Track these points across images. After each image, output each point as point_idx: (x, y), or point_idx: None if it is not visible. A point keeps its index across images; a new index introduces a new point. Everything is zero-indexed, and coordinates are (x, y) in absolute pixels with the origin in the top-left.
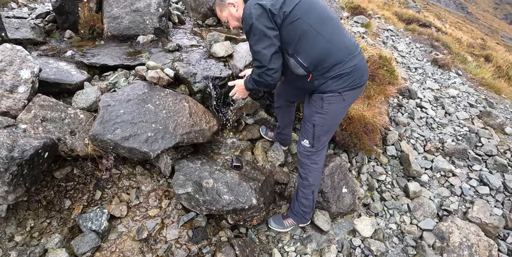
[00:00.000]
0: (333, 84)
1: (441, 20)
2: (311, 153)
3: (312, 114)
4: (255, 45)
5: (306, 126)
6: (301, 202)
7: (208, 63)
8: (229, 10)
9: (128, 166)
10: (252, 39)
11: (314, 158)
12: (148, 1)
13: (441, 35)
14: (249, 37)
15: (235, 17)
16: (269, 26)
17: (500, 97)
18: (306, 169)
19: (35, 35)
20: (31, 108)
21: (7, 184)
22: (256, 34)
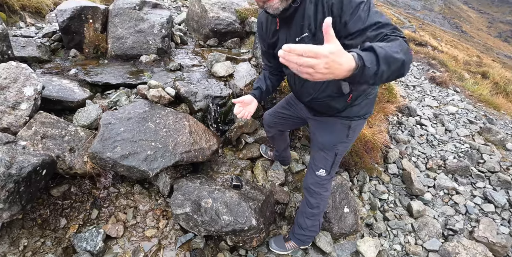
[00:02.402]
0: (365, 107)
1: (436, 39)
2: (327, 181)
3: (335, 143)
4: (378, 11)
5: (325, 154)
6: (308, 229)
7: (209, 82)
8: None
9: (126, 184)
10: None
11: (327, 186)
12: (152, 23)
13: (437, 53)
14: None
15: None
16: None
17: (499, 113)
18: (317, 198)
19: (40, 53)
20: (32, 125)
21: (3, 202)
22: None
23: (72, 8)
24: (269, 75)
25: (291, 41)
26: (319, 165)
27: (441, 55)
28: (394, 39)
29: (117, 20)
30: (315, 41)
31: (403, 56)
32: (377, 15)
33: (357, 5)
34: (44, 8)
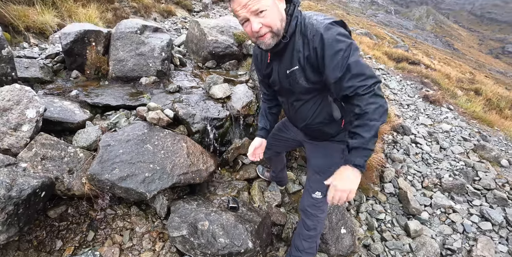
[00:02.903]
0: None
1: (429, 57)
2: (323, 203)
3: (330, 166)
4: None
5: (320, 177)
6: (305, 251)
7: (206, 104)
8: (275, 1)
9: (123, 206)
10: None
11: (323, 208)
12: (152, 46)
13: (430, 71)
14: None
15: (280, 15)
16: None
17: (492, 129)
18: (314, 220)
19: (43, 74)
20: (32, 146)
21: (1, 224)
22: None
23: (76, 32)
24: (269, 110)
25: (282, 73)
26: (315, 187)
27: (434, 73)
28: (371, 103)
29: (119, 43)
30: (303, 73)
31: (379, 119)
32: (356, 65)
33: (336, 53)
34: (48, 29)
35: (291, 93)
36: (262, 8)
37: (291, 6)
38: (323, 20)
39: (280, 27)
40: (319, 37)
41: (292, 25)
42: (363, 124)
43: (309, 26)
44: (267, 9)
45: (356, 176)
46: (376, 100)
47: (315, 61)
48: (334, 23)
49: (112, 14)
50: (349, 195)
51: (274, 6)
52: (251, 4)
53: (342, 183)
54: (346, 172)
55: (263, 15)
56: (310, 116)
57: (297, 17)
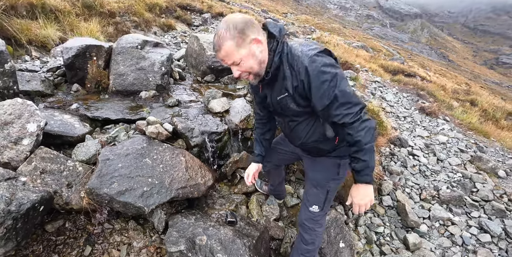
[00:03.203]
0: None
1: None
2: (320, 216)
3: (327, 180)
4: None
5: (317, 191)
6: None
7: (205, 118)
8: (251, 49)
9: (121, 220)
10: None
11: (321, 222)
12: (153, 61)
13: (426, 83)
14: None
15: (257, 60)
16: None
17: (489, 140)
18: (312, 234)
19: (44, 87)
20: (32, 160)
21: None
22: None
23: (77, 46)
24: (262, 136)
25: (274, 99)
26: (312, 201)
27: (430, 85)
28: (360, 130)
29: (120, 58)
30: (293, 99)
31: (372, 140)
32: (343, 95)
33: (322, 83)
34: (50, 43)
35: (285, 115)
36: (237, 61)
37: (274, 42)
38: (308, 51)
39: (259, 69)
40: (305, 70)
41: (275, 61)
42: (360, 150)
43: (295, 57)
44: (241, 60)
45: (370, 190)
46: (364, 125)
47: (303, 91)
48: (319, 54)
49: (113, 28)
50: (371, 203)
51: (249, 55)
52: (226, 60)
53: (363, 199)
54: (362, 189)
55: (240, 64)
56: (304, 135)
57: (280, 53)
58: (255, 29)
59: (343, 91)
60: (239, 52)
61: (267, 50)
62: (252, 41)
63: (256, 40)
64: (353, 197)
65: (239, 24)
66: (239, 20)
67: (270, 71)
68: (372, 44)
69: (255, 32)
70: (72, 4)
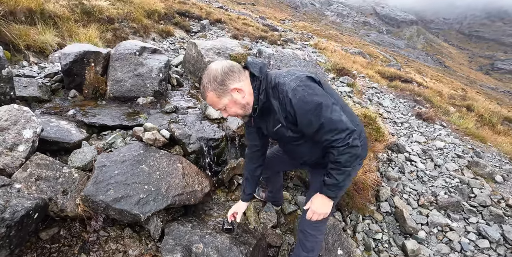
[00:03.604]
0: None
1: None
2: (321, 223)
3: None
4: (329, 117)
5: None
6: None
7: (202, 124)
8: (232, 96)
9: (116, 228)
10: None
11: (322, 228)
12: (150, 67)
13: (422, 89)
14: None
15: (241, 104)
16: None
17: (486, 145)
18: (313, 241)
19: (41, 93)
20: (27, 167)
21: None
22: (326, 107)
23: (75, 52)
24: (253, 173)
25: (271, 130)
26: None
27: (426, 91)
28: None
29: (118, 64)
30: (288, 128)
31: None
32: (329, 122)
33: (306, 113)
34: (48, 48)
35: (285, 141)
36: (221, 108)
37: (256, 81)
38: (290, 82)
39: (244, 112)
40: (289, 102)
41: (261, 98)
42: (337, 169)
43: (280, 90)
44: (225, 106)
45: (329, 204)
46: (349, 150)
47: (293, 120)
48: (301, 84)
49: (112, 34)
50: (324, 216)
51: (231, 102)
52: (213, 106)
53: (320, 208)
54: (323, 201)
55: (225, 110)
56: (306, 155)
57: (264, 90)
58: (235, 76)
59: (328, 118)
60: (222, 101)
61: (251, 90)
62: (232, 90)
63: (236, 89)
64: (313, 203)
65: (219, 76)
66: (219, 71)
67: (257, 108)
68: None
69: (235, 80)
70: (71, 10)
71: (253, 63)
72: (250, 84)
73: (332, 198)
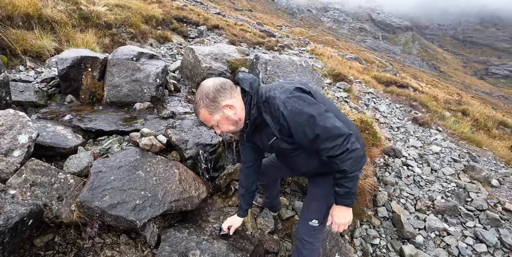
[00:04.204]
0: None
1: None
2: (319, 231)
3: (328, 195)
4: (323, 126)
5: (318, 205)
6: None
7: (200, 130)
8: (224, 113)
9: (112, 234)
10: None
11: (319, 236)
12: (148, 73)
13: (418, 94)
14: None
15: (233, 121)
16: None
17: (481, 149)
18: (310, 249)
19: (37, 98)
20: (22, 172)
21: None
22: (319, 115)
23: (72, 58)
24: (249, 189)
25: (266, 144)
26: (312, 215)
27: (422, 95)
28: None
29: (115, 69)
30: (282, 140)
31: (357, 169)
32: (324, 131)
33: (300, 125)
34: (45, 53)
35: (282, 153)
36: (214, 124)
37: (248, 96)
38: (280, 95)
39: (235, 128)
40: (281, 115)
41: (252, 113)
42: (345, 177)
43: (271, 104)
44: (218, 123)
45: (349, 212)
46: (351, 155)
47: (287, 132)
48: (290, 96)
49: (110, 40)
50: (348, 223)
51: (223, 119)
52: (205, 123)
53: (343, 219)
54: (342, 211)
55: (217, 126)
56: (304, 165)
57: (255, 105)
58: (227, 93)
59: (322, 127)
60: (214, 118)
61: (243, 106)
62: (224, 107)
63: (227, 105)
64: (334, 216)
65: (210, 94)
66: (211, 88)
67: (249, 123)
68: (365, 56)
69: (227, 97)
70: (68, 15)
71: (243, 79)
72: (242, 99)
73: (349, 205)
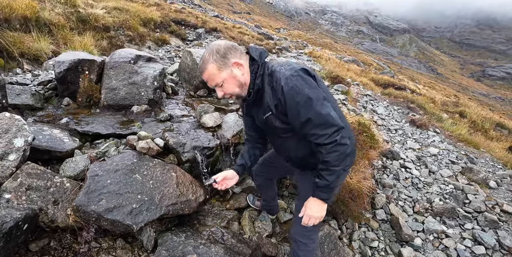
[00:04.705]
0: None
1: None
2: (312, 232)
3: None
4: (318, 111)
5: None
6: None
7: (197, 133)
8: (232, 71)
9: (108, 239)
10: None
11: (313, 237)
12: (145, 76)
13: (416, 96)
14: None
15: (239, 82)
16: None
17: (479, 151)
18: (304, 249)
19: (34, 101)
20: (18, 176)
21: None
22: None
23: (70, 60)
24: (252, 150)
25: (261, 118)
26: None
27: (420, 98)
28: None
29: (112, 72)
30: (276, 117)
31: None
32: (318, 116)
33: (296, 104)
34: (43, 56)
35: (273, 133)
36: (219, 83)
37: (255, 65)
38: (285, 71)
39: (240, 91)
40: (281, 89)
41: (257, 83)
42: (327, 169)
43: (275, 78)
44: (223, 82)
45: (323, 207)
46: (337, 148)
47: (282, 109)
48: (295, 74)
49: (107, 42)
50: (320, 219)
51: (230, 78)
52: (209, 81)
53: (314, 211)
54: (316, 204)
55: (222, 86)
56: (292, 151)
57: (261, 75)
58: (237, 53)
59: (317, 112)
60: (221, 75)
61: (249, 73)
62: (233, 65)
63: (237, 63)
64: (306, 207)
65: (221, 49)
66: (222, 45)
67: (252, 92)
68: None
69: (236, 56)
70: (66, 18)
71: (254, 48)
72: (249, 67)
73: (325, 200)
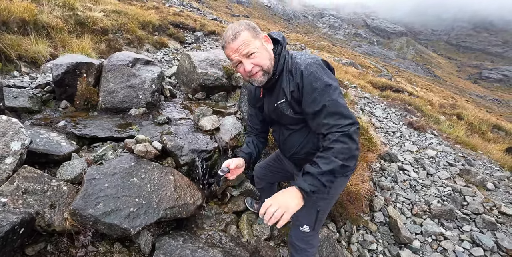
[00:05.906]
0: None
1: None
2: (312, 237)
3: (317, 200)
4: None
5: (307, 210)
6: None
7: (195, 136)
8: (263, 43)
9: (106, 243)
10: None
11: (312, 242)
12: (143, 78)
13: (413, 98)
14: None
15: (269, 55)
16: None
17: (476, 153)
18: (304, 254)
19: (31, 104)
20: (14, 180)
21: None
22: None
23: (67, 63)
24: (256, 142)
25: (271, 106)
26: (303, 221)
27: (417, 100)
28: (340, 142)
29: (110, 75)
30: (290, 105)
31: (341, 160)
32: (334, 105)
33: (313, 90)
34: (40, 59)
35: (280, 124)
36: (252, 51)
37: (279, 47)
38: (306, 59)
39: (270, 65)
40: (300, 74)
41: (280, 63)
42: (325, 157)
43: (294, 64)
44: (256, 51)
45: (297, 197)
46: (346, 140)
47: (298, 96)
48: (315, 62)
49: (106, 45)
50: (284, 215)
51: (262, 48)
52: (242, 49)
53: (283, 198)
54: (291, 194)
55: (253, 57)
56: (297, 145)
57: (284, 56)
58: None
59: (334, 100)
60: (255, 43)
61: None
62: (264, 37)
63: (266, 37)
64: (277, 193)
65: (251, 23)
66: (249, 21)
67: (276, 73)
68: (360, 61)
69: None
70: (64, 21)
71: (275, 32)
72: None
73: (305, 192)
